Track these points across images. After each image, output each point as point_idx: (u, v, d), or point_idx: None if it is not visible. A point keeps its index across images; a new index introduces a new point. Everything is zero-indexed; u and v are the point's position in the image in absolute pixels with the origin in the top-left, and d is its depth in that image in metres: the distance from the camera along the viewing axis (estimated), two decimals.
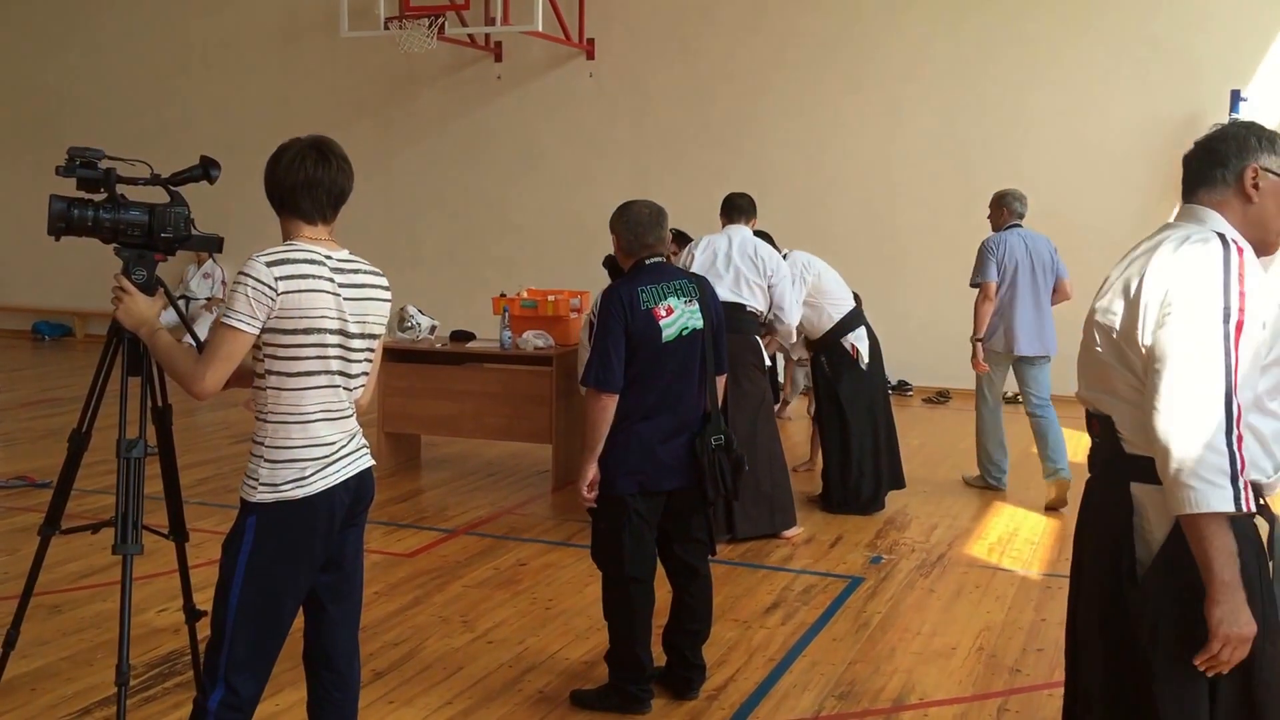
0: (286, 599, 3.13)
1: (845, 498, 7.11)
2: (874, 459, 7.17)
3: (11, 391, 10.29)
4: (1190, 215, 2.79)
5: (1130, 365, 2.66)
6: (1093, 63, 11.27)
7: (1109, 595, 2.76)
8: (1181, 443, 2.49)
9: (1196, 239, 2.65)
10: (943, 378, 11.68)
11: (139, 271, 3.46)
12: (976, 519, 7.13)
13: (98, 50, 14.89)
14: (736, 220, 6.78)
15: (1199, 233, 2.68)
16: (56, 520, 3.65)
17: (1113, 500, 2.75)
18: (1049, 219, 11.46)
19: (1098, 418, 2.80)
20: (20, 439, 9.03)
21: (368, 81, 13.65)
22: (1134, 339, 2.63)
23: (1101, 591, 2.79)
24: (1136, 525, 2.69)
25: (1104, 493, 2.81)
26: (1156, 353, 2.56)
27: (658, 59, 12.65)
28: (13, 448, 8.78)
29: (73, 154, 3.46)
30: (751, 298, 6.51)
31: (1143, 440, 2.63)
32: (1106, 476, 2.81)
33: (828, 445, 7.22)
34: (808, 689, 4.55)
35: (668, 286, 4.31)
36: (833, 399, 7.18)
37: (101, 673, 4.46)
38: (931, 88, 11.77)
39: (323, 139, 3.19)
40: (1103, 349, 2.74)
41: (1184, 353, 2.53)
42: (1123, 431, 2.71)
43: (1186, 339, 2.54)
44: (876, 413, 7.25)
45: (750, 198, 6.92)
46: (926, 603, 5.60)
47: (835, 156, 12.04)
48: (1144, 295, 2.62)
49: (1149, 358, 2.58)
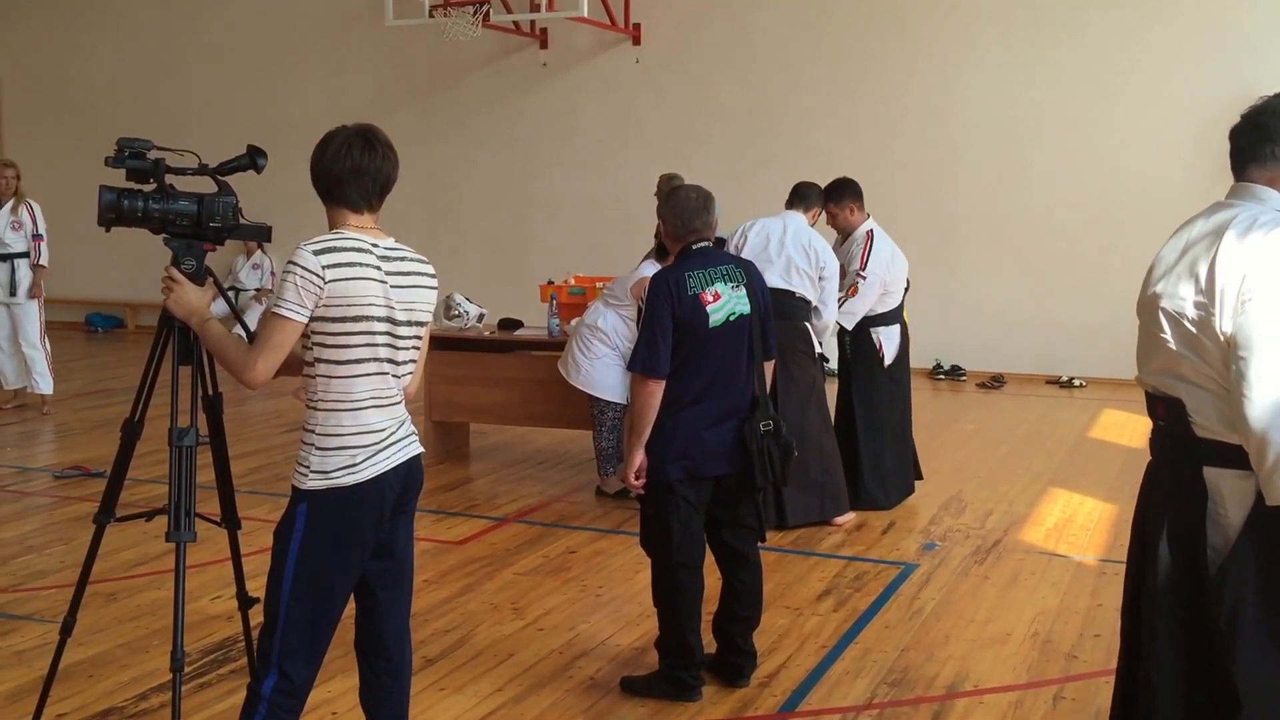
0: (338, 585, 3.14)
1: None
2: (878, 460, 6.84)
3: (66, 383, 10.40)
4: (1246, 193, 2.72)
5: (1203, 352, 2.60)
6: (1146, 42, 11.08)
7: (1183, 581, 2.70)
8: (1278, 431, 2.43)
9: (1266, 221, 2.58)
10: (997, 362, 11.55)
11: (188, 261, 3.46)
12: (1032, 505, 7.03)
13: (141, 41, 15.04)
14: (795, 207, 6.63)
15: (1264, 213, 2.62)
16: (111, 509, 3.67)
17: (1185, 485, 2.70)
18: (1102, 202, 11.35)
19: (1163, 400, 2.74)
20: (75, 429, 9.16)
21: (412, 70, 13.68)
22: (1209, 326, 2.57)
23: (1174, 577, 2.73)
24: (1210, 511, 2.64)
25: (1173, 477, 2.75)
26: (1240, 340, 2.50)
27: (704, 44, 12.58)
28: (68, 438, 8.90)
29: (122, 145, 3.48)
30: (801, 285, 6.37)
31: (1220, 425, 2.58)
32: (1174, 460, 2.76)
33: None
34: (860, 676, 4.51)
35: (715, 271, 4.27)
36: (845, 388, 6.96)
37: (157, 659, 4.52)
38: (984, 69, 11.63)
39: (368, 127, 3.19)
40: (1170, 336, 2.67)
41: (1271, 338, 2.47)
42: (1195, 416, 2.65)
43: (1272, 324, 2.48)
44: (890, 414, 6.91)
45: (817, 187, 6.73)
46: (981, 589, 5.53)
47: (885, 139, 11.92)
48: (1218, 280, 2.56)
49: (1232, 345, 2.52)
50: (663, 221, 4.40)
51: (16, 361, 9.56)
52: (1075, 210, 11.20)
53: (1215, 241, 2.61)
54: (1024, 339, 11.44)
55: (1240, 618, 2.58)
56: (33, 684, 4.14)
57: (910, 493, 7.03)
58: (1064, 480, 7.60)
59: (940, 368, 11.73)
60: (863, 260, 6.74)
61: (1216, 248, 2.59)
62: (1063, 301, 11.26)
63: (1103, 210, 11.07)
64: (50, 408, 9.63)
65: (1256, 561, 2.57)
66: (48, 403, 9.63)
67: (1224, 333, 2.54)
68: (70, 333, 14.60)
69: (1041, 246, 11.40)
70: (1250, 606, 2.57)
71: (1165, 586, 2.77)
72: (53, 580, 5.53)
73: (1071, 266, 11.24)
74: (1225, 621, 2.59)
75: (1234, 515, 2.61)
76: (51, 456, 8.36)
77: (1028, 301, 11.45)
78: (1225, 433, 2.59)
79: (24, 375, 9.56)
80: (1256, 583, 2.57)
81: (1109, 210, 11.04)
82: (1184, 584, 2.70)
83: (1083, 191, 11.16)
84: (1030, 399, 10.69)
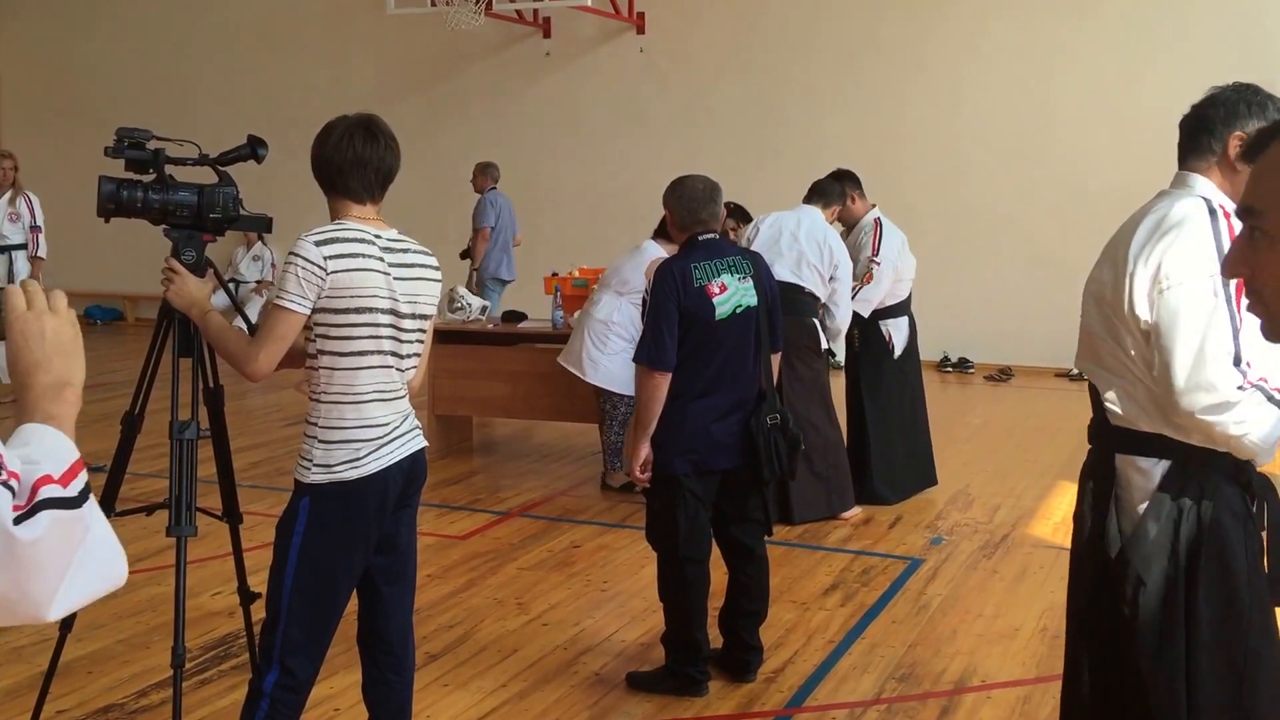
0: (341, 580, 3.12)
1: None
2: (888, 454, 6.80)
3: None
4: (1179, 182, 2.75)
5: (1116, 336, 2.63)
6: (1160, 30, 11.02)
7: (1091, 563, 2.75)
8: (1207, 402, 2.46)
9: (1180, 206, 2.60)
10: (1005, 355, 11.50)
11: (188, 252, 3.43)
12: (1040, 499, 6.99)
13: (141, 29, 15.00)
14: (814, 203, 6.54)
15: (1182, 199, 2.63)
16: (111, 503, 3.63)
17: (1101, 471, 2.73)
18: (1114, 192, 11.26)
19: (1091, 387, 2.79)
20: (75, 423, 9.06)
21: (414, 59, 13.63)
22: (1120, 310, 2.59)
23: (1086, 560, 2.78)
24: (1118, 496, 2.68)
25: (1094, 463, 2.79)
26: (1162, 328, 2.51)
27: (710, 33, 12.52)
28: None
29: (121, 135, 3.44)
30: (811, 280, 6.29)
31: (1130, 411, 2.62)
32: (1095, 446, 2.79)
33: None
34: (867, 671, 4.49)
35: (721, 263, 4.23)
36: (854, 382, 6.91)
37: (157, 655, 4.48)
38: (994, 56, 11.58)
39: (370, 117, 3.17)
40: (1094, 321, 2.71)
41: (1187, 321, 2.49)
42: (1108, 403, 2.68)
43: (1188, 308, 2.49)
44: (898, 407, 6.89)
45: (838, 186, 6.64)
46: (989, 584, 5.50)
47: (893, 131, 11.86)
48: (1130, 265, 2.57)
49: (1154, 333, 2.53)
50: (669, 211, 4.35)
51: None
52: (1086, 200, 11.12)
53: (1133, 228, 2.64)
54: (1033, 331, 11.37)
55: (1139, 602, 2.60)
56: (32, 680, 4.11)
57: (925, 487, 6.99)
58: (1072, 473, 7.42)
59: (948, 360, 11.68)
60: (874, 247, 6.69)
61: (1134, 233, 2.62)
62: (1073, 293, 10.87)
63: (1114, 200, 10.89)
64: None
65: (1156, 547, 2.59)
66: None
67: (1142, 319, 2.55)
68: None
69: (1050, 238, 11.33)
70: (1150, 592, 2.59)
71: (1078, 576, 2.82)
72: None
73: (1082, 257, 10.95)
74: (1127, 606, 2.62)
75: (1137, 500, 2.64)
76: None
77: (1036, 293, 11.38)
78: (1133, 419, 2.62)
79: None
80: (1157, 569, 2.59)
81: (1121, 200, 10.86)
82: (1094, 572, 2.74)
83: (1094, 181, 11.08)
84: (1039, 391, 10.66)
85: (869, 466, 6.75)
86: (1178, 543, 2.56)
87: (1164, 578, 2.58)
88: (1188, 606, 2.57)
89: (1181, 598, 2.56)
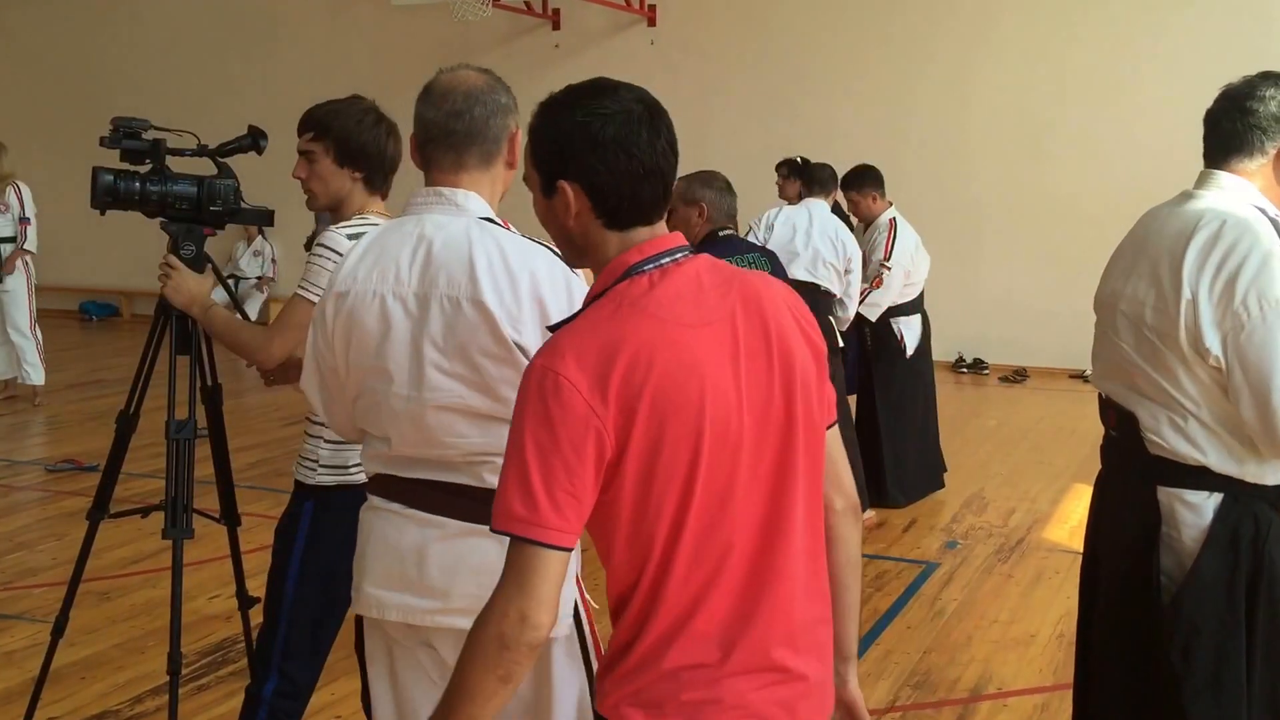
0: (343, 587, 3.00)
1: None
2: (900, 456, 6.72)
3: (59, 373, 10.14)
4: (1210, 182, 2.49)
5: (1163, 364, 2.40)
6: (1175, 23, 10.88)
7: (1131, 602, 2.55)
8: None
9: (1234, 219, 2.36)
10: (1020, 355, 11.38)
11: (187, 246, 3.37)
12: (1055, 503, 6.90)
13: (141, 22, 14.87)
14: (817, 195, 6.46)
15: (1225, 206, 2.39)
16: (105, 505, 3.56)
17: (1137, 501, 2.53)
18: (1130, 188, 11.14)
19: (1115, 410, 2.56)
20: (67, 421, 8.98)
21: (420, 51, 13.49)
22: (1173, 339, 2.36)
23: (1123, 597, 2.58)
24: (1164, 534, 2.47)
25: (1124, 490, 2.58)
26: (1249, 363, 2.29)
27: (720, 25, 12.42)
28: (60, 430, 8.76)
29: (117, 124, 3.37)
30: (827, 278, 6.17)
31: (1177, 444, 2.41)
32: (1126, 475, 2.58)
33: None
34: (882, 678, 4.42)
35: (742, 260, 4.20)
36: (866, 382, 6.81)
37: (153, 660, 4.41)
38: (1005, 49, 11.45)
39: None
40: (1127, 341, 2.48)
41: None
42: (1148, 433, 2.46)
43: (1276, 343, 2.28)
44: (911, 408, 6.81)
45: (832, 170, 6.61)
46: (1004, 589, 5.42)
47: (903, 124, 11.75)
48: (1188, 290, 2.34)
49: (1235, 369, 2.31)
50: (701, 205, 4.29)
51: (6, 351, 9.30)
52: (1101, 197, 10.98)
53: (1181, 245, 2.39)
54: (1048, 331, 11.23)
55: (1195, 652, 2.42)
56: (23, 686, 4.03)
57: (934, 489, 6.88)
58: (1088, 477, 7.34)
59: (962, 361, 11.57)
60: (887, 250, 6.59)
61: (1184, 253, 2.37)
62: (1087, 293, 10.81)
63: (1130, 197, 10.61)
64: (42, 399, 9.42)
65: (1213, 592, 2.41)
66: (39, 394, 9.40)
67: (1209, 352, 2.33)
68: (64, 321, 14.37)
69: (1066, 235, 11.18)
70: (1206, 640, 2.42)
71: (1115, 612, 2.61)
72: (44, 578, 5.42)
73: (1097, 256, 10.72)
74: (1178, 654, 2.44)
75: (1190, 542, 2.44)
76: (43, 449, 8.23)
77: (1052, 292, 11.23)
78: (1182, 452, 2.42)
79: (14, 365, 9.30)
80: (1214, 615, 2.41)
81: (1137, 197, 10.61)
82: (1134, 610, 2.54)
83: (1110, 177, 10.94)
84: (1053, 393, 10.54)
85: (882, 469, 6.66)
86: (1235, 585, 2.40)
87: (1220, 625, 2.42)
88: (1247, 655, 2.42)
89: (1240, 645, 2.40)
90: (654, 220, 1.81)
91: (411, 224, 2.34)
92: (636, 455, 1.65)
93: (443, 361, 2.23)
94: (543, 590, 1.63)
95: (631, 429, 1.64)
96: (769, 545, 1.73)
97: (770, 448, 1.72)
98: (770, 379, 1.73)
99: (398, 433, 2.29)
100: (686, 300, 1.72)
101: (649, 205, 1.78)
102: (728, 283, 1.78)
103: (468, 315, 2.22)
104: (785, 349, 1.75)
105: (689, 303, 1.72)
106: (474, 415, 2.25)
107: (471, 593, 2.20)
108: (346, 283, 2.32)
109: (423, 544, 2.33)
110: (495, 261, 2.24)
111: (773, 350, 1.74)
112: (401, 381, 2.25)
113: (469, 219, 2.31)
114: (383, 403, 2.28)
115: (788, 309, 1.81)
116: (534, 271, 2.25)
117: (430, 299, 2.25)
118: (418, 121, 2.41)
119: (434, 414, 2.25)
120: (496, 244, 2.27)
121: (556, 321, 1.84)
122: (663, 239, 1.79)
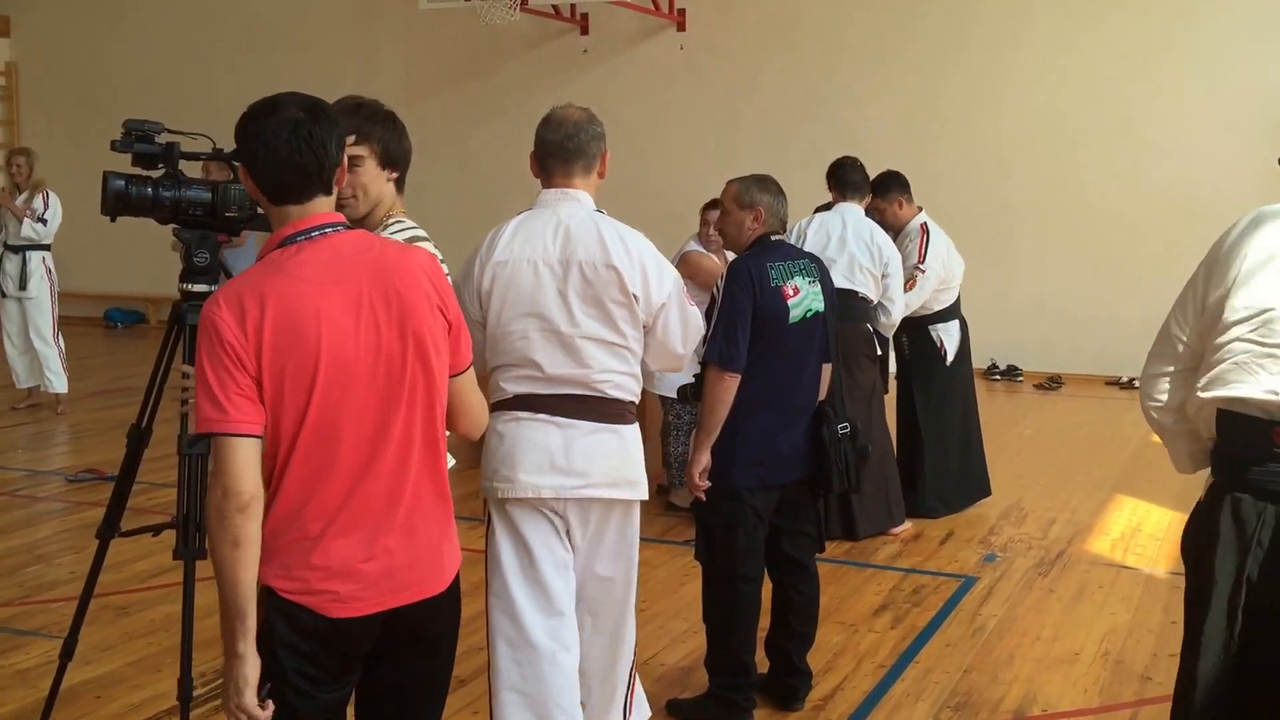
0: None
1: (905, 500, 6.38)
2: (942, 465, 6.56)
3: (82, 381, 10.05)
4: None
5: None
6: (1211, 25, 10.70)
7: None
8: None
9: None
10: (1055, 362, 11.17)
11: (201, 254, 3.26)
12: (1096, 514, 6.71)
13: (165, 25, 14.82)
14: (850, 198, 6.23)
15: None
16: (115, 523, 3.45)
17: None
18: (1165, 192, 10.96)
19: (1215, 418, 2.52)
20: (90, 430, 8.89)
21: (448, 55, 13.43)
22: None
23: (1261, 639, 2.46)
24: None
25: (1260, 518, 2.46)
26: None
27: (751, 31, 12.30)
28: (83, 440, 8.66)
29: (129, 127, 3.28)
30: (864, 285, 6.02)
31: None
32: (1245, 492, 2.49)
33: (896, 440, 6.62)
34: (921, 698, 4.28)
35: (794, 265, 4.11)
36: (906, 391, 6.65)
37: (170, 679, 4.24)
38: (1038, 56, 11.28)
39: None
40: None
41: None
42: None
43: None
44: (952, 416, 6.64)
45: (864, 172, 6.35)
46: (1046, 604, 5.26)
47: (936, 130, 11.58)
48: None
49: None
50: (756, 209, 4.17)
51: (29, 359, 9.22)
52: (1136, 201, 10.81)
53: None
54: (1083, 337, 11.04)
55: None
56: (36, 705, 3.92)
57: (981, 497, 6.75)
58: (1128, 487, 7.25)
59: (996, 368, 11.38)
60: (920, 254, 6.42)
61: None
62: (1123, 298, 10.82)
63: (1166, 201, 10.67)
64: (64, 407, 9.32)
65: None
66: (62, 402, 9.31)
67: None
68: (89, 328, 14.31)
69: (1100, 239, 11.01)
70: None
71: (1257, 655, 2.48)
72: (62, 592, 5.29)
73: (1133, 260, 10.83)
74: None
75: None
76: (64, 459, 8.11)
77: (1086, 298, 11.06)
78: None
79: (36, 373, 9.23)
80: None
81: (1172, 201, 10.63)
82: None
83: (1145, 181, 10.76)
84: (1090, 400, 10.34)
85: (921, 478, 6.51)
86: None
87: None
88: None
89: None
90: (303, 200, 2.32)
91: (548, 213, 3.31)
92: (270, 375, 2.20)
93: (584, 307, 3.18)
94: (236, 467, 2.16)
95: (261, 355, 2.19)
96: (374, 451, 2.28)
97: (380, 379, 2.27)
98: (388, 327, 2.28)
99: (549, 358, 3.18)
100: (319, 264, 2.27)
101: (295, 188, 2.31)
102: (365, 253, 2.32)
103: (602, 275, 3.20)
104: (406, 306, 2.29)
105: (322, 265, 2.27)
106: (604, 344, 3.23)
107: (604, 471, 3.24)
108: (505, 253, 3.23)
109: (566, 440, 3.21)
110: (615, 239, 3.25)
111: (392, 305, 2.28)
112: (559, 320, 3.17)
113: (588, 210, 3.31)
114: (535, 337, 3.18)
115: (426, 277, 2.36)
116: (640, 246, 3.29)
117: (570, 264, 3.20)
118: (539, 142, 3.34)
119: (581, 342, 3.20)
120: (613, 227, 3.29)
121: None
122: (314, 217, 2.32)
